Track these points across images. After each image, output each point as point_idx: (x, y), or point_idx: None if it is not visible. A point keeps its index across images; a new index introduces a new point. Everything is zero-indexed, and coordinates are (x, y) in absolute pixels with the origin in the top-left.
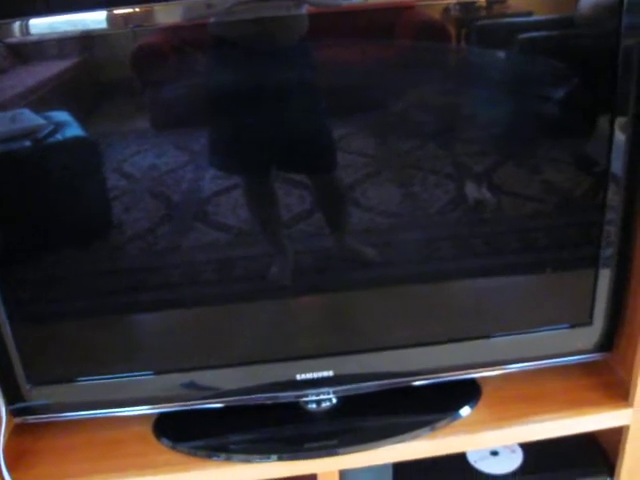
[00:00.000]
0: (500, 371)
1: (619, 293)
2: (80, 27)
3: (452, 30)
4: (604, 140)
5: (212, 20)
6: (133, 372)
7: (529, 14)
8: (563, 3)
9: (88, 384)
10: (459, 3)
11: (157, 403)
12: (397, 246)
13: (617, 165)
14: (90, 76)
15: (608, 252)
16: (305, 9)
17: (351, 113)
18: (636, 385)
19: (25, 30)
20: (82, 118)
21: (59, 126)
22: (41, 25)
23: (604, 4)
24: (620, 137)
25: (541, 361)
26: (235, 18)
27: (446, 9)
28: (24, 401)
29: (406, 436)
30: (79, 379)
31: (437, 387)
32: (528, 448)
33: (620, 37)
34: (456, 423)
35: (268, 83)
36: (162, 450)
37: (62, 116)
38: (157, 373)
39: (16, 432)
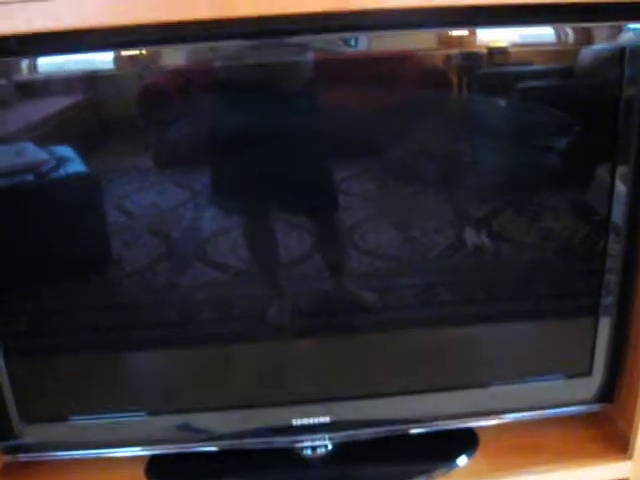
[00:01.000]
0: (497, 421)
1: (619, 344)
2: (87, 66)
3: (454, 78)
4: (605, 189)
5: (217, 64)
6: (126, 412)
7: (530, 64)
8: (564, 53)
9: (81, 423)
10: (461, 52)
11: (150, 445)
12: (396, 291)
13: (617, 214)
14: (94, 114)
15: (608, 302)
16: (310, 55)
17: (353, 158)
18: (636, 437)
19: (33, 68)
20: (85, 154)
21: (62, 161)
22: (48, 64)
23: (605, 55)
24: (621, 187)
25: (539, 411)
26: (240, 63)
27: (448, 58)
28: (15, 438)
29: None
30: (72, 418)
31: (434, 436)
32: None
33: (622, 88)
34: (453, 473)
35: (271, 126)
36: None
37: (65, 151)
38: (150, 414)
39: (5, 471)
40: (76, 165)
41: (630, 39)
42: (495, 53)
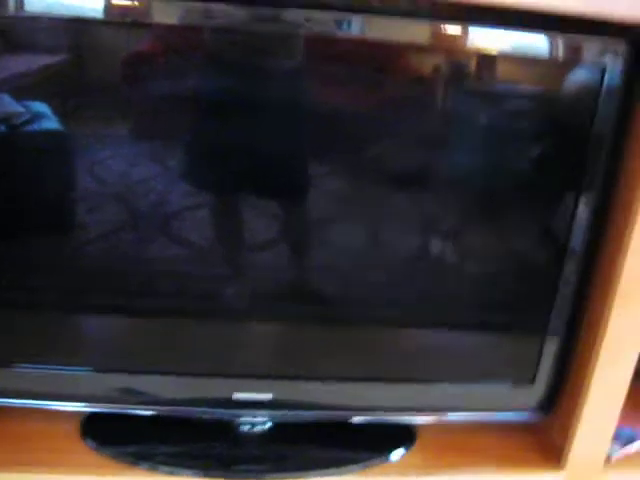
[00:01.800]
0: (437, 418)
1: (563, 360)
2: (73, 12)
3: (440, 87)
4: (568, 214)
5: (207, 27)
6: (71, 366)
7: (517, 83)
8: (550, 79)
9: (25, 371)
10: (452, 62)
11: (90, 401)
12: (354, 286)
13: (577, 240)
14: (75, 73)
15: (558, 322)
16: (302, 32)
17: (329, 148)
18: (569, 450)
19: (20, 6)
20: (61, 113)
21: (36, 117)
22: (36, 3)
23: (586, 87)
24: (583, 213)
25: (480, 412)
26: (231, 29)
27: (437, 66)
28: None
29: (336, 470)
30: (17, 365)
31: (374, 428)
32: None
33: (594, 119)
34: (388, 464)
35: (252, 102)
36: (86, 451)
37: (41, 107)
38: (95, 371)
39: None
40: (51, 122)
41: (611, 59)
42: (484, 59)
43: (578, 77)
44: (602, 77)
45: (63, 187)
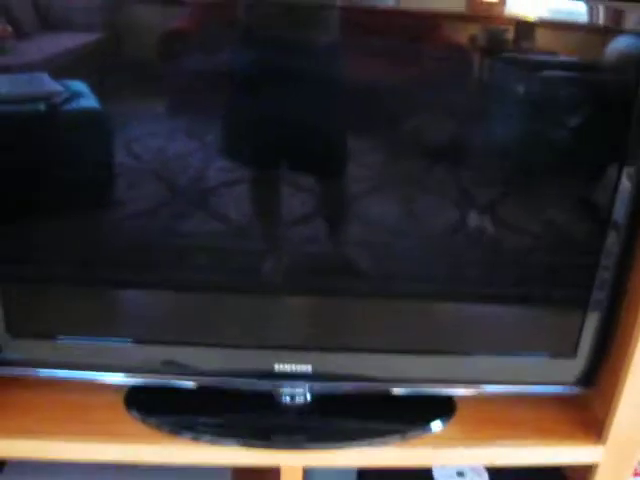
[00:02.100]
0: (477, 390)
1: (606, 333)
2: None
3: (476, 54)
4: (610, 186)
5: (242, 4)
6: (113, 337)
7: (556, 53)
8: (591, 47)
9: (67, 343)
10: (490, 30)
11: (132, 372)
12: (391, 259)
13: (620, 213)
14: (112, 52)
15: (600, 295)
16: (338, 4)
17: (366, 121)
18: (611, 424)
19: None
20: (99, 91)
21: (75, 95)
22: None
23: (629, 55)
24: (626, 185)
25: (520, 385)
26: (264, 2)
27: (473, 34)
28: (0, 351)
29: (375, 441)
30: (59, 337)
31: (413, 399)
32: (495, 474)
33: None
34: (427, 436)
35: (289, 77)
36: (130, 421)
37: (80, 86)
38: (136, 342)
39: None
40: (89, 101)
41: None
42: (522, 30)
43: (621, 45)
44: None
45: (102, 164)
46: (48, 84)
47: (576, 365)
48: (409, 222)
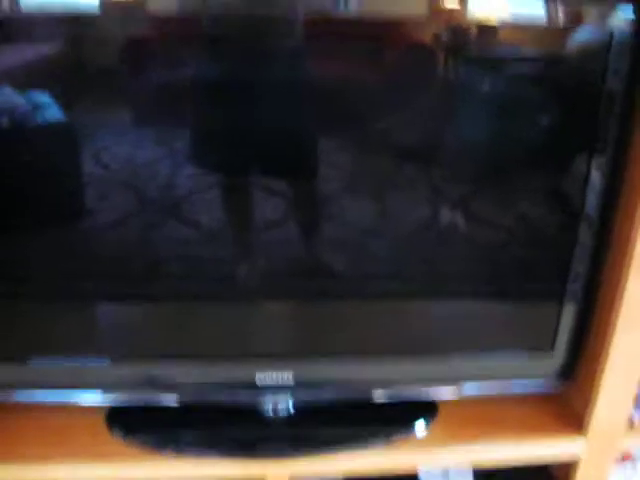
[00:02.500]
0: (456, 389)
1: (582, 326)
2: (71, 7)
3: (440, 54)
4: (580, 178)
5: (204, 14)
6: (89, 357)
7: (516, 42)
8: (551, 33)
9: (41, 365)
10: (450, 25)
11: (110, 391)
12: (365, 261)
13: (591, 204)
14: (75, 61)
15: (575, 288)
16: (300, 13)
17: (333, 124)
18: (590, 417)
19: (15, 6)
20: (63, 102)
21: (38, 107)
22: (31, 2)
23: (592, 46)
24: (596, 177)
25: (499, 381)
26: (227, 13)
27: (437, 34)
28: None
29: (360, 446)
30: (32, 359)
31: (395, 404)
32: (480, 475)
33: (605, 79)
34: (411, 439)
35: (254, 83)
36: (113, 441)
37: (42, 98)
38: (113, 361)
39: None
40: (53, 112)
41: (618, 23)
42: (483, 27)
43: (585, 40)
44: (610, 40)
45: (70, 176)
46: (10, 97)
47: (554, 359)
48: (381, 221)
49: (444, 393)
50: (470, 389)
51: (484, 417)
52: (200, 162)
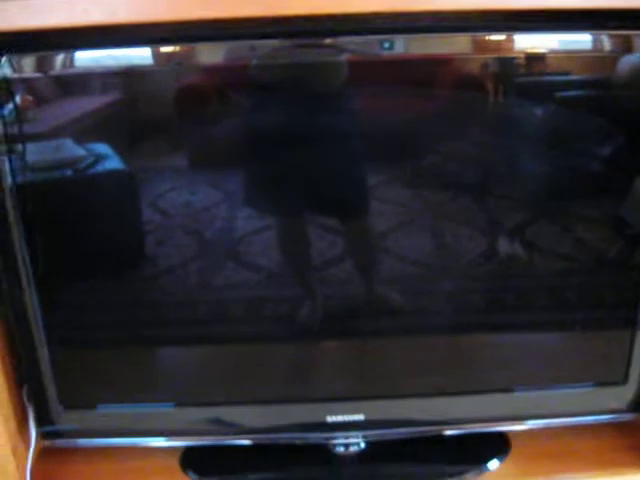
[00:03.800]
0: (528, 426)
1: None
2: (124, 62)
3: (490, 85)
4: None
5: (253, 63)
6: (154, 403)
7: (568, 71)
8: (603, 61)
9: (109, 411)
10: (497, 58)
11: (177, 436)
12: (426, 296)
13: None
14: (131, 111)
15: None
16: (345, 57)
17: (386, 162)
18: None
19: (69, 63)
20: (121, 152)
21: (99, 158)
22: (85, 59)
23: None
24: None
25: (570, 418)
26: (276, 62)
27: (484, 64)
28: (54, 424)
29: None
30: (100, 406)
31: (466, 439)
32: None
33: None
34: (484, 476)
35: (305, 127)
36: None
37: (102, 149)
38: (178, 405)
39: (43, 455)
40: (113, 162)
41: None
42: (531, 59)
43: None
44: None
45: (130, 223)
46: (71, 149)
47: (628, 390)
48: (439, 255)
49: (512, 427)
50: (544, 423)
51: (558, 449)
52: (254, 204)
